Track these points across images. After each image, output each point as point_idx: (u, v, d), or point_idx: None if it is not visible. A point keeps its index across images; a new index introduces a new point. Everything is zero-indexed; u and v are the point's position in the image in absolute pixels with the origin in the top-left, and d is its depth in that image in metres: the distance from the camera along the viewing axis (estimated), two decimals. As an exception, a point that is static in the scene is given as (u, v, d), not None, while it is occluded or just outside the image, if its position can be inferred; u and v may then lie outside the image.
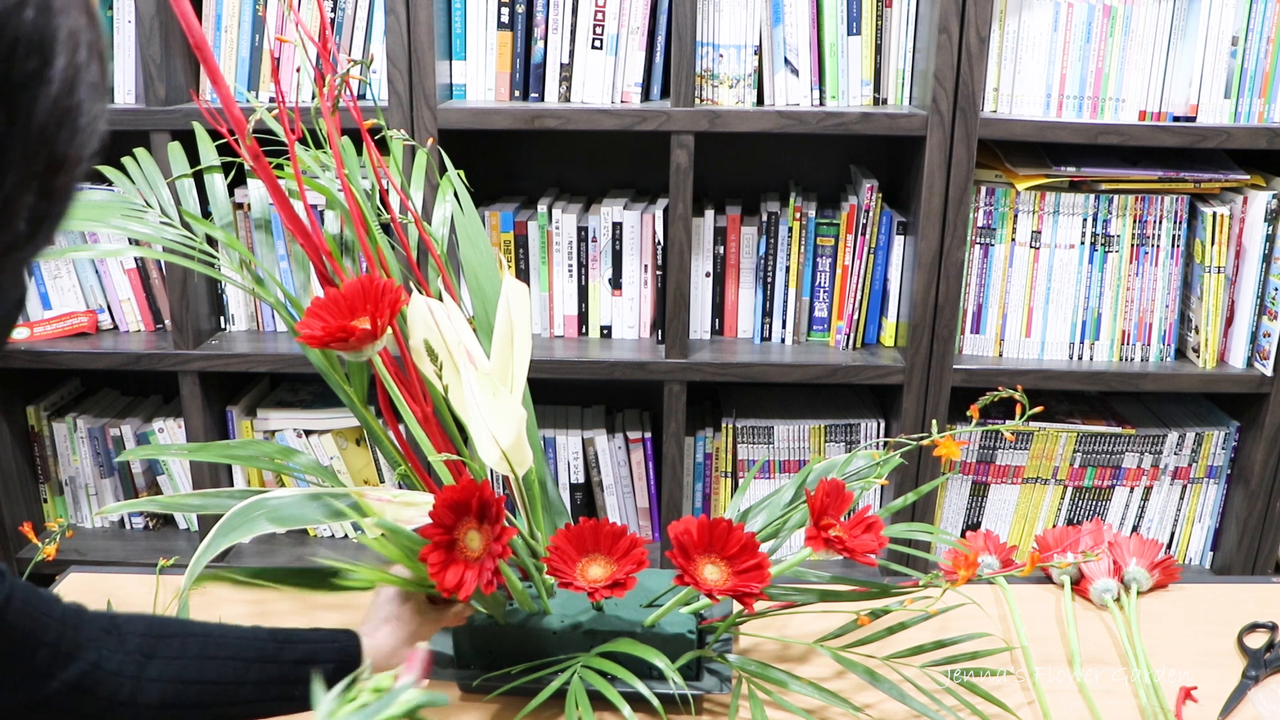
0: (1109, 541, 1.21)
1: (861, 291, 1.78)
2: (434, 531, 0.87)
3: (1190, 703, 1.01)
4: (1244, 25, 1.61)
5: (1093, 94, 1.65)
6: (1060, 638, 1.13)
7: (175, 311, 1.76)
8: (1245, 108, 1.64)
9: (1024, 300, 1.75)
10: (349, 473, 1.93)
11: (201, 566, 0.90)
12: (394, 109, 1.65)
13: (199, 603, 1.16)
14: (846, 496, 0.94)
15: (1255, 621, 1.14)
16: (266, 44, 1.72)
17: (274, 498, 0.93)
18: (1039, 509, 1.87)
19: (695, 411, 1.96)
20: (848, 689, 1.02)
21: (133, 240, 1.49)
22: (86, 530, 2.00)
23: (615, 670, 0.93)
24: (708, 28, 1.67)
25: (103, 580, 1.23)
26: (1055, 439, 1.82)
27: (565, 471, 1.91)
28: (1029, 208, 1.71)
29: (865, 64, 1.71)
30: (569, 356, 1.76)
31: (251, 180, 1.26)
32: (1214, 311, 1.70)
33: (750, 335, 1.85)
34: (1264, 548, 1.81)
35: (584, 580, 0.91)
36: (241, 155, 0.94)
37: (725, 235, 1.81)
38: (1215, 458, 1.83)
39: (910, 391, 1.74)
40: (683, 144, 1.64)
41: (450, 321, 0.94)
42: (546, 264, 1.82)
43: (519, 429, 0.90)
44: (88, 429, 1.94)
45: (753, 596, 0.89)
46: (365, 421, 1.04)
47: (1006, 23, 1.64)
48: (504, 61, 1.72)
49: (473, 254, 1.14)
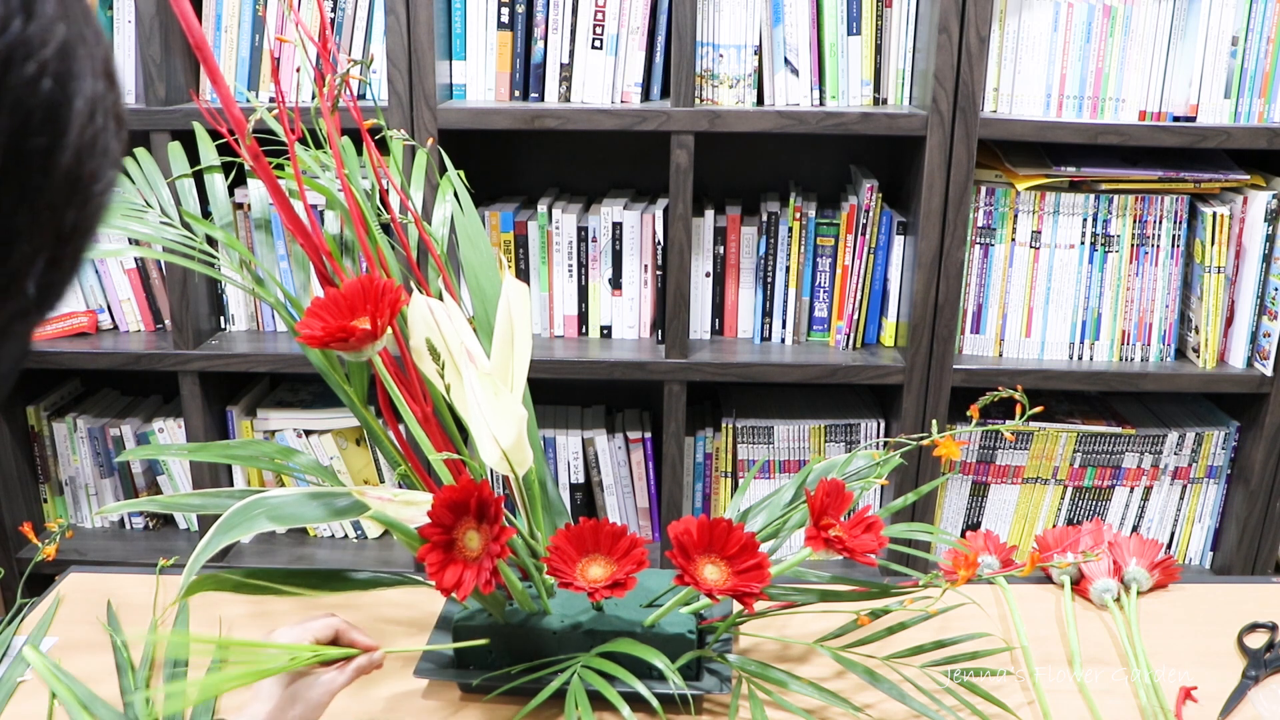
0: (1109, 541, 1.21)
1: (861, 291, 1.78)
2: (432, 531, 0.87)
3: (1190, 703, 1.01)
4: (1244, 25, 1.61)
5: (1093, 94, 1.65)
6: (1060, 638, 1.13)
7: (175, 311, 1.76)
8: (1245, 108, 1.64)
9: (1024, 300, 1.75)
10: (349, 473, 1.93)
11: (200, 564, 0.89)
12: (394, 109, 1.65)
13: (199, 603, 1.16)
14: (846, 496, 0.94)
15: (1255, 621, 1.14)
16: (266, 44, 1.71)
17: (274, 496, 0.93)
18: (1039, 509, 1.86)
19: (695, 411, 1.96)
20: (848, 689, 1.02)
21: (133, 240, 1.49)
22: (86, 530, 2.00)
23: (615, 670, 0.93)
24: (708, 28, 1.67)
25: (103, 580, 1.22)
26: (1055, 439, 1.82)
27: (565, 471, 1.91)
28: (1029, 208, 1.71)
29: (865, 64, 1.71)
30: (569, 356, 1.76)
31: (251, 180, 1.26)
32: (1214, 311, 1.70)
33: (750, 335, 1.85)
34: (1264, 548, 1.81)
35: (584, 580, 0.91)
36: (241, 155, 0.94)
37: (725, 235, 1.81)
38: (1215, 458, 1.83)
39: (910, 391, 1.74)
40: (683, 144, 1.64)
41: (450, 321, 0.94)
42: (546, 264, 1.82)
43: (519, 429, 0.90)
44: (88, 429, 1.94)
45: (753, 596, 0.89)
46: (365, 421, 1.04)
47: (1006, 23, 1.64)
48: (504, 61, 1.72)
49: (473, 254, 1.14)
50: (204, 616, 1.14)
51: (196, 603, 1.16)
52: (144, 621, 1.13)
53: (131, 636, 1.11)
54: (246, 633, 1.13)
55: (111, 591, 1.19)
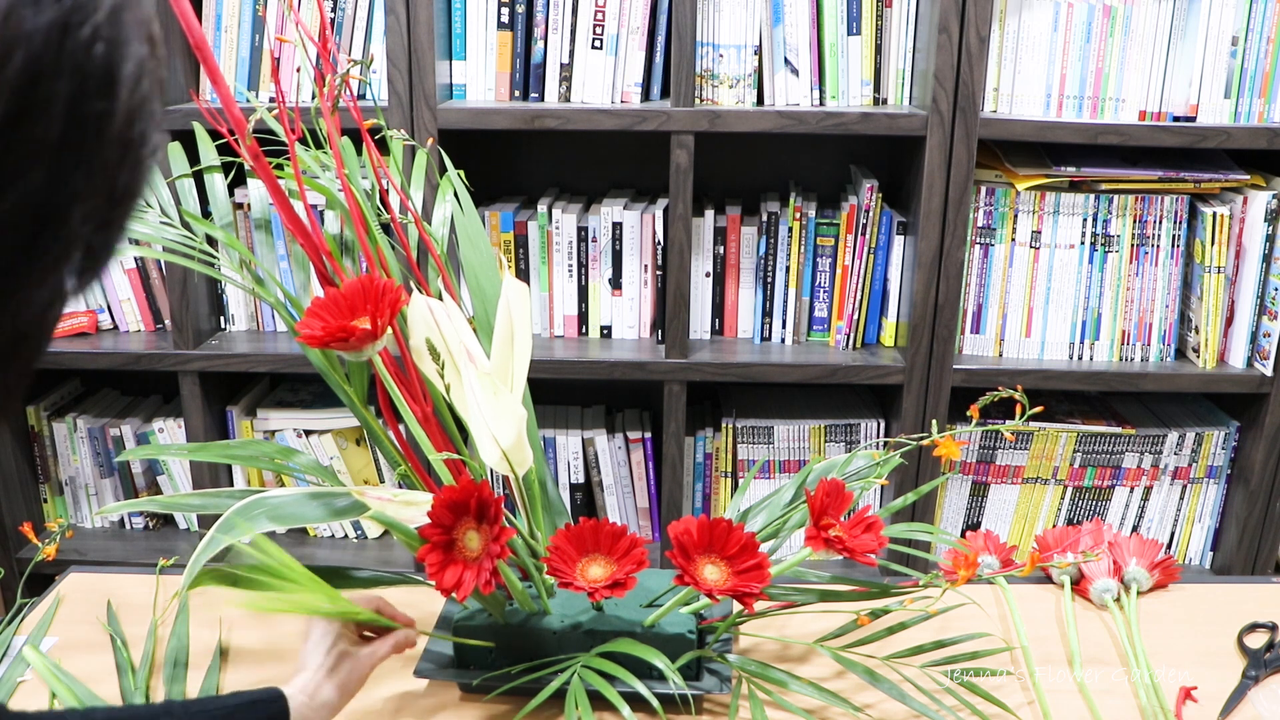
0: (1109, 541, 1.21)
1: (861, 291, 1.78)
2: (432, 532, 0.87)
3: (1190, 703, 1.01)
4: (1244, 25, 1.61)
5: (1093, 94, 1.65)
6: (1060, 638, 1.13)
7: (175, 311, 1.76)
8: (1245, 108, 1.64)
9: (1024, 300, 1.75)
10: (349, 473, 1.93)
11: (201, 565, 0.89)
12: (394, 109, 1.65)
13: (198, 603, 1.16)
14: (846, 496, 0.94)
15: (1255, 621, 1.14)
16: (266, 44, 1.72)
17: (274, 496, 0.93)
18: (1039, 509, 1.86)
19: (695, 411, 1.96)
20: (848, 689, 1.02)
21: (133, 240, 1.48)
22: (86, 530, 2.00)
23: (615, 670, 0.93)
24: (708, 28, 1.67)
25: (102, 580, 1.23)
26: (1055, 439, 1.82)
27: (565, 471, 1.91)
28: (1029, 208, 1.71)
29: (865, 64, 1.71)
30: (569, 356, 1.76)
31: (251, 180, 1.26)
32: (1214, 311, 1.70)
33: (750, 335, 1.85)
34: (1264, 548, 1.81)
35: (584, 580, 0.91)
36: (241, 155, 0.94)
37: (725, 235, 1.81)
38: (1215, 458, 1.83)
39: (910, 391, 1.74)
40: (683, 144, 1.64)
41: (450, 321, 0.94)
42: (546, 264, 1.82)
43: (519, 429, 0.90)
44: (88, 429, 1.94)
45: (753, 596, 0.89)
46: (365, 421, 1.04)
47: (1006, 23, 1.64)
48: (504, 61, 1.72)
49: (473, 254, 1.14)
50: (204, 617, 1.14)
51: (197, 603, 1.16)
52: (144, 621, 1.13)
53: (131, 636, 1.11)
54: (246, 633, 1.13)
55: (111, 591, 1.19)
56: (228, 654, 1.10)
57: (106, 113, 0.36)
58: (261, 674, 1.07)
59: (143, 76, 0.38)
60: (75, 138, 0.36)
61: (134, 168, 0.39)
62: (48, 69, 0.34)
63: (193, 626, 1.13)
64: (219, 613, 1.15)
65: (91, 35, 0.35)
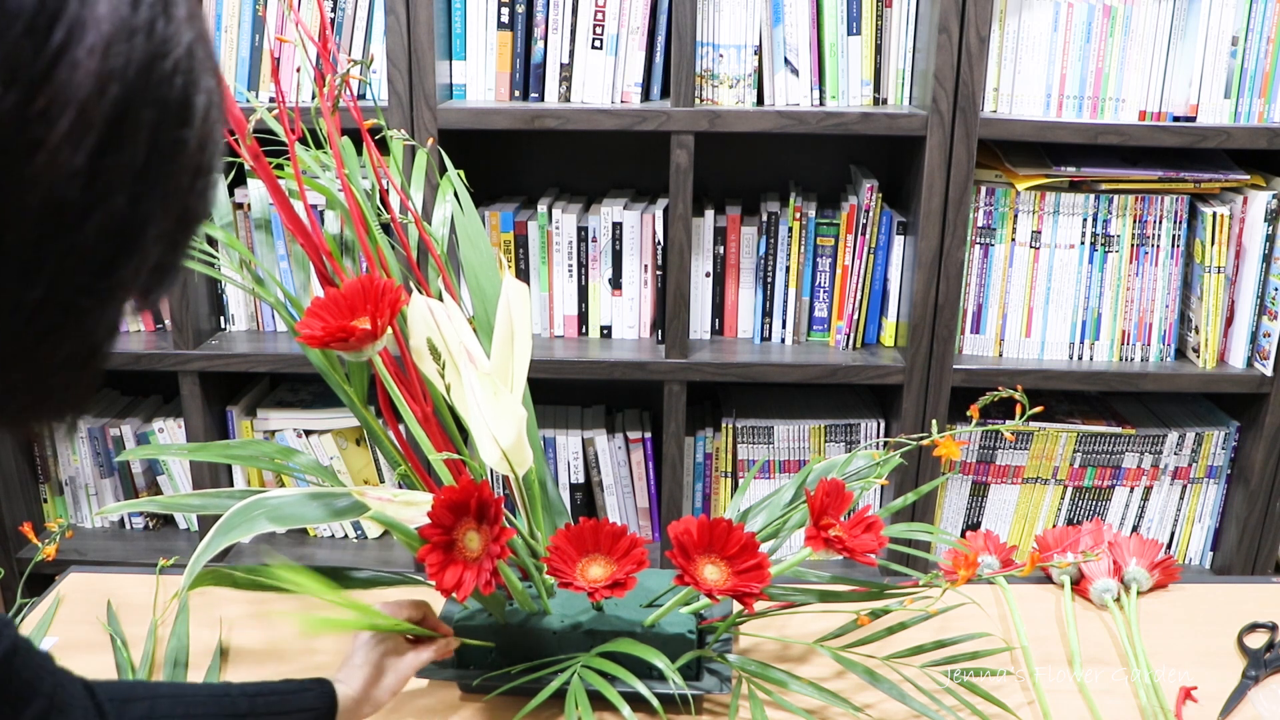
0: (1109, 541, 1.21)
1: (861, 291, 1.78)
2: (432, 532, 0.87)
3: (1190, 703, 1.01)
4: (1244, 25, 1.61)
5: (1093, 94, 1.65)
6: (1060, 638, 1.13)
7: (175, 311, 1.76)
8: (1245, 108, 1.64)
9: (1024, 300, 1.75)
10: (349, 473, 1.93)
11: (201, 565, 0.89)
12: (394, 109, 1.65)
13: (199, 603, 1.16)
14: (846, 496, 0.94)
15: (1255, 621, 1.14)
16: (266, 44, 1.71)
17: (274, 497, 0.93)
18: (1039, 509, 1.87)
19: (695, 411, 1.96)
20: (848, 689, 1.02)
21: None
22: (86, 530, 2.00)
23: (615, 670, 0.93)
24: (708, 28, 1.67)
25: (103, 580, 1.22)
26: (1055, 439, 1.82)
27: (565, 471, 1.91)
28: (1029, 208, 1.71)
29: (865, 64, 1.71)
30: (569, 356, 1.76)
31: (251, 180, 1.26)
32: (1214, 311, 1.70)
33: (750, 335, 1.85)
34: (1264, 548, 1.81)
35: (584, 580, 0.91)
36: (241, 155, 0.94)
37: (725, 235, 1.81)
38: (1215, 458, 1.83)
39: (910, 391, 1.74)
40: (683, 144, 1.64)
41: (450, 321, 0.94)
42: (546, 264, 1.82)
43: (519, 429, 0.90)
44: (88, 429, 1.94)
45: (753, 596, 0.89)
46: (365, 421, 1.04)
47: (1006, 23, 1.64)
48: (504, 61, 1.72)
49: (473, 254, 1.14)
50: (204, 617, 1.14)
51: (197, 603, 1.16)
52: (144, 621, 1.13)
53: (131, 636, 1.11)
54: (247, 633, 1.13)
55: (111, 591, 1.19)
56: (228, 654, 1.10)
57: (182, 140, 0.39)
58: (261, 674, 1.07)
59: (212, 107, 0.41)
60: (155, 164, 0.38)
61: (203, 192, 0.42)
62: (136, 100, 0.37)
63: (193, 626, 1.13)
64: (219, 613, 1.15)
65: (173, 68, 0.38)
